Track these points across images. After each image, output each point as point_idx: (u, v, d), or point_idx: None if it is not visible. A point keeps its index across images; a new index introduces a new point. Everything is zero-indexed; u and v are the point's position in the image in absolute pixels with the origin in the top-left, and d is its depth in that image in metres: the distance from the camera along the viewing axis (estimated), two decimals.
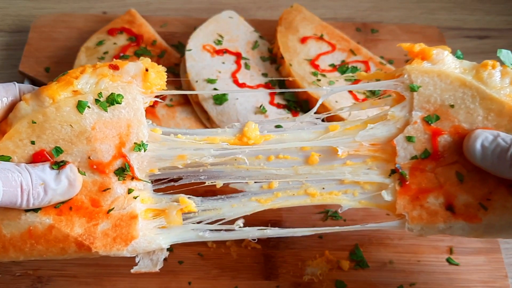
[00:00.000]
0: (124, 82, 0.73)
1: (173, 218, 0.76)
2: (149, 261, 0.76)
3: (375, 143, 0.77)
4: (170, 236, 0.76)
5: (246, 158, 0.77)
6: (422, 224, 0.75)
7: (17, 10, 1.36)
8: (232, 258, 0.95)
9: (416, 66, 0.75)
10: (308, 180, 0.78)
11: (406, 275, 0.94)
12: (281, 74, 1.12)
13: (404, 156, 0.75)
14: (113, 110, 0.72)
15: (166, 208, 0.76)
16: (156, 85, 0.75)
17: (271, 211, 1.00)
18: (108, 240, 0.72)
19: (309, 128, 0.79)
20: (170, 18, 1.31)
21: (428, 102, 0.74)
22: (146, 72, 0.74)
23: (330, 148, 0.77)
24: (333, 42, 1.18)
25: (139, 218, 0.73)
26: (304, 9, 1.24)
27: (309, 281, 0.92)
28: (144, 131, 0.73)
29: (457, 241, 0.98)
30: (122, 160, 0.73)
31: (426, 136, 0.74)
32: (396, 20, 1.40)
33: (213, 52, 1.12)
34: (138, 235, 0.73)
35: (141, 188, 0.74)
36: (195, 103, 1.06)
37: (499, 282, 0.94)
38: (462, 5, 1.45)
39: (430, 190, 0.75)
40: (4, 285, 0.90)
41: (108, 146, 0.72)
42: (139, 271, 0.76)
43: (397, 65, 1.22)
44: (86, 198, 0.72)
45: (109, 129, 0.72)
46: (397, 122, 0.76)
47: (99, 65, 0.73)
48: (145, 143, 0.73)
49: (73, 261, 0.91)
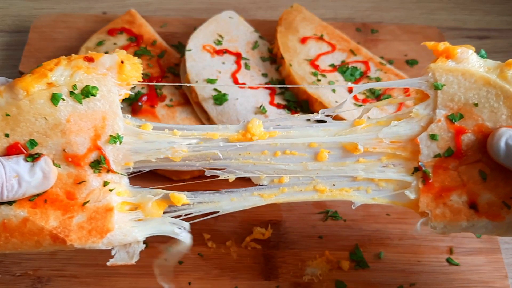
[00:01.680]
0: (99, 74, 0.73)
1: (150, 211, 0.76)
2: (125, 254, 0.75)
3: (396, 140, 0.76)
4: (146, 228, 0.75)
5: (251, 152, 0.77)
6: (445, 222, 0.75)
7: (17, 10, 1.36)
8: (232, 258, 0.95)
9: (440, 65, 0.75)
10: (318, 176, 0.78)
11: (406, 275, 0.94)
12: (281, 74, 1.12)
13: (427, 154, 0.75)
14: (88, 103, 0.72)
15: (142, 201, 0.75)
16: (132, 77, 0.75)
17: (271, 211, 1.01)
18: (83, 233, 0.71)
19: (317, 126, 0.78)
20: (170, 18, 1.31)
21: (452, 101, 0.74)
22: (122, 64, 0.73)
23: (341, 145, 0.77)
24: (333, 42, 1.18)
25: (115, 211, 0.72)
26: (304, 9, 1.24)
27: (309, 281, 0.92)
28: (120, 123, 0.73)
29: (457, 241, 0.98)
30: (98, 153, 0.72)
31: (450, 134, 0.75)
32: (396, 20, 1.40)
33: (213, 52, 1.12)
34: (114, 228, 0.72)
35: (117, 181, 0.74)
36: (195, 103, 1.06)
37: (499, 282, 0.94)
38: (462, 5, 1.45)
39: (453, 188, 0.75)
40: (4, 285, 0.90)
41: (83, 139, 0.72)
42: (115, 263, 0.75)
43: (397, 66, 1.22)
44: (61, 190, 0.71)
45: (84, 121, 0.71)
46: (420, 120, 0.76)
47: (74, 57, 0.73)
48: (120, 136, 0.73)
49: (73, 261, 0.91)
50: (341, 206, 1.02)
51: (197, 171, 1.03)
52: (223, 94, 1.03)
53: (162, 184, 1.03)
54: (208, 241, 0.96)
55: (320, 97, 1.05)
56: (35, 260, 0.92)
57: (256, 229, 0.97)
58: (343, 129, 0.77)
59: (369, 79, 1.12)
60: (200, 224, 0.98)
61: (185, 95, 1.08)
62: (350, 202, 1.02)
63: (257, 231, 0.97)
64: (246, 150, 0.77)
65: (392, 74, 1.15)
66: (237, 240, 0.97)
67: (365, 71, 1.14)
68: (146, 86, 1.07)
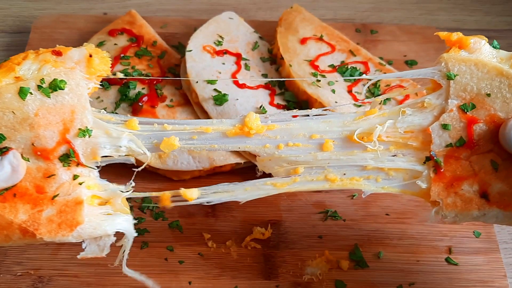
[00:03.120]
0: (67, 68, 0.73)
1: (119, 206, 0.76)
2: (96, 247, 0.75)
3: (410, 130, 0.77)
4: (114, 223, 0.75)
5: (252, 146, 0.77)
6: (457, 211, 0.76)
7: (18, 11, 1.36)
8: (232, 258, 0.95)
9: (453, 55, 0.75)
10: (329, 166, 0.78)
11: (405, 275, 0.94)
12: (281, 75, 1.13)
13: (439, 144, 0.75)
14: (56, 96, 0.72)
15: (112, 197, 0.76)
16: (101, 70, 0.75)
17: (271, 211, 1.01)
18: (53, 226, 0.71)
19: (317, 118, 0.78)
20: (170, 19, 1.31)
21: (465, 91, 0.75)
22: (90, 58, 0.74)
23: (346, 135, 0.77)
24: (332, 43, 1.18)
25: (85, 204, 0.72)
26: (303, 10, 1.24)
27: (309, 281, 0.93)
28: (88, 117, 0.73)
29: (456, 241, 0.99)
30: (67, 146, 0.72)
31: (462, 124, 0.75)
32: (396, 21, 1.41)
33: (213, 53, 1.12)
34: (84, 221, 0.72)
35: (87, 175, 0.74)
36: (195, 103, 1.07)
37: (498, 282, 0.94)
38: (461, 6, 1.46)
39: (465, 178, 0.75)
40: (5, 285, 0.90)
41: (52, 132, 0.72)
42: (86, 256, 0.75)
43: (396, 66, 1.22)
44: (31, 184, 0.71)
45: (53, 115, 0.72)
46: (433, 110, 0.76)
47: (42, 51, 0.73)
48: (89, 129, 0.73)
49: (74, 261, 0.92)
50: (341, 206, 1.02)
51: (197, 171, 1.03)
52: (223, 94, 1.04)
53: (162, 184, 1.04)
54: (208, 241, 0.96)
55: (320, 98, 1.05)
56: (36, 259, 0.93)
57: (256, 229, 0.98)
58: (346, 121, 0.77)
59: (368, 80, 1.13)
60: (200, 224, 0.99)
61: (186, 95, 1.09)
62: (350, 202, 1.03)
63: (257, 231, 0.97)
64: (245, 144, 0.77)
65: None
66: (237, 240, 0.97)
67: (364, 72, 1.14)
68: (146, 87, 1.08)
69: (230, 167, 1.05)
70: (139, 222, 0.98)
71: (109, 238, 0.75)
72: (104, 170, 1.04)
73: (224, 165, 1.03)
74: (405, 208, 1.02)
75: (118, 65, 1.11)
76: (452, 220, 0.77)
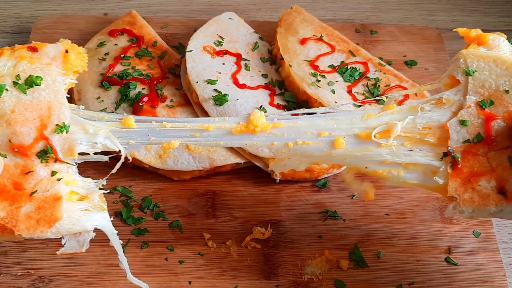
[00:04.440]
0: (43, 64, 0.73)
1: (97, 203, 0.76)
2: (75, 243, 0.75)
3: (428, 126, 0.77)
4: (93, 219, 0.75)
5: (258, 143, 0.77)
6: (474, 206, 0.75)
7: (19, 11, 1.37)
8: (232, 257, 0.95)
9: (472, 51, 0.75)
10: (346, 162, 0.78)
11: (405, 275, 0.94)
12: (281, 75, 1.13)
13: (456, 140, 0.75)
14: (33, 93, 0.72)
15: (90, 193, 0.75)
16: (77, 66, 0.75)
17: (271, 211, 1.01)
18: (31, 223, 0.71)
19: (325, 116, 0.78)
20: (171, 19, 1.31)
21: (483, 87, 0.75)
22: (66, 53, 0.74)
23: (355, 133, 0.77)
24: (332, 43, 1.18)
25: (63, 200, 0.72)
26: (303, 11, 1.24)
27: (308, 281, 0.93)
28: (66, 113, 0.73)
29: (455, 241, 0.99)
30: (44, 143, 0.72)
31: (480, 120, 0.75)
32: (395, 21, 1.41)
33: (214, 53, 1.12)
34: (62, 217, 0.71)
35: (65, 171, 0.74)
36: (195, 103, 1.07)
37: (498, 282, 0.94)
38: (460, 6, 1.46)
39: (482, 174, 0.75)
40: (5, 284, 0.90)
41: (29, 129, 0.72)
42: (65, 252, 0.75)
43: (396, 66, 1.23)
44: (8, 181, 0.71)
45: (29, 111, 0.71)
46: (451, 106, 0.76)
47: (17, 47, 0.73)
48: (67, 125, 0.73)
49: (74, 261, 0.92)
50: (341, 206, 1.03)
51: (197, 171, 1.03)
52: (223, 94, 1.04)
53: (163, 183, 1.04)
54: (208, 241, 0.97)
55: (320, 98, 1.06)
56: (37, 259, 0.93)
57: (256, 228, 0.98)
58: (354, 118, 0.78)
59: (368, 80, 1.13)
60: (200, 224, 0.99)
61: (186, 95, 1.09)
62: (350, 202, 1.03)
63: (257, 230, 0.98)
64: (251, 141, 0.77)
65: (391, 74, 1.15)
66: (237, 239, 0.97)
67: (364, 72, 1.14)
68: (147, 87, 1.08)
69: (230, 167, 1.05)
70: (139, 222, 0.98)
71: (89, 233, 0.75)
72: (103, 170, 1.05)
73: (224, 165, 1.03)
74: (405, 208, 1.03)
75: (119, 65, 1.11)
76: (469, 216, 0.77)
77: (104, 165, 1.05)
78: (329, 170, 1.03)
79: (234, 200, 1.03)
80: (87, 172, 1.04)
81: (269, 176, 1.03)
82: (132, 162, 1.03)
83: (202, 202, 1.02)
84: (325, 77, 1.11)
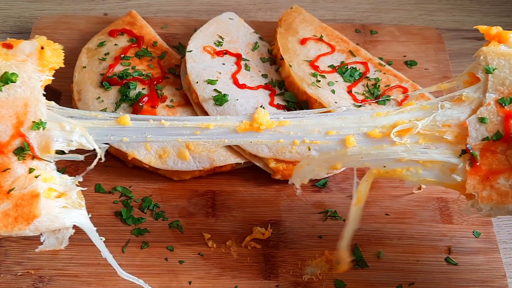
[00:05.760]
0: (18, 61, 0.72)
1: (75, 200, 0.75)
2: (54, 240, 0.75)
3: (447, 124, 0.76)
4: (71, 216, 0.74)
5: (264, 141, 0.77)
6: (492, 204, 0.75)
7: (19, 12, 1.37)
8: (232, 258, 0.95)
9: (492, 49, 0.75)
10: (364, 160, 0.78)
11: (405, 275, 0.94)
12: (281, 75, 1.13)
13: (475, 137, 0.75)
14: (8, 90, 0.71)
15: (68, 190, 0.75)
16: (53, 62, 0.75)
17: (271, 211, 1.01)
18: (9, 220, 0.71)
19: (332, 115, 0.78)
20: (171, 19, 1.32)
21: (503, 85, 0.75)
22: (42, 50, 0.73)
23: (364, 131, 0.77)
24: (332, 43, 1.18)
25: (41, 197, 0.72)
26: (303, 11, 1.24)
27: (308, 281, 0.93)
28: (42, 109, 0.73)
29: (455, 241, 0.99)
30: (21, 140, 0.72)
31: (499, 118, 0.75)
32: (395, 21, 1.41)
33: (214, 53, 1.12)
34: (40, 214, 0.71)
35: (43, 168, 0.73)
36: (195, 103, 1.07)
37: (497, 282, 0.94)
38: (460, 6, 1.46)
39: (501, 172, 0.75)
40: (5, 284, 0.90)
41: (5, 126, 0.71)
42: (44, 249, 0.75)
43: (396, 66, 1.23)
44: None
45: (5, 108, 0.71)
46: (471, 104, 0.76)
47: None
48: (43, 122, 0.73)
49: (74, 261, 0.92)
50: (341, 206, 1.03)
51: (197, 171, 1.03)
52: (224, 95, 1.04)
53: (163, 184, 1.04)
54: (208, 241, 0.97)
55: (320, 98, 1.06)
56: (37, 259, 0.93)
57: (256, 228, 0.98)
58: (362, 117, 0.77)
59: (368, 80, 1.13)
60: (200, 224, 0.99)
61: (186, 95, 1.09)
62: (350, 202, 1.03)
63: (257, 230, 0.98)
64: (257, 138, 0.77)
65: (391, 75, 1.15)
66: (237, 239, 0.97)
67: (364, 72, 1.14)
68: (147, 87, 1.08)
69: (230, 167, 1.05)
70: (139, 222, 0.98)
71: (68, 230, 0.75)
72: (103, 170, 1.05)
73: (224, 165, 1.03)
74: (405, 208, 1.03)
75: (119, 65, 1.11)
76: (487, 214, 0.76)
77: (104, 165, 1.05)
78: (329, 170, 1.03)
79: (234, 200, 1.03)
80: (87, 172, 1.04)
81: (269, 176, 1.03)
82: (132, 162, 1.04)
83: (202, 202, 1.02)
84: (325, 77, 1.11)
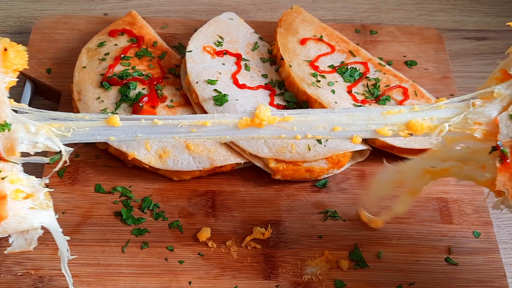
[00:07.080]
0: None
1: (42, 201, 0.75)
2: (23, 241, 0.74)
3: (479, 122, 0.76)
4: (39, 217, 0.74)
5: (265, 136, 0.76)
6: None
7: (19, 12, 1.37)
8: (232, 258, 0.95)
9: None
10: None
11: (405, 275, 0.94)
12: (281, 75, 1.13)
13: (506, 134, 0.75)
14: None
15: (35, 191, 0.75)
16: (17, 64, 0.74)
17: (271, 211, 1.01)
18: None
19: (339, 111, 0.77)
20: (171, 19, 1.32)
21: None
22: (5, 51, 0.73)
23: (373, 129, 0.76)
24: (332, 43, 1.18)
25: (8, 199, 0.71)
26: (303, 11, 1.24)
27: (308, 281, 0.93)
28: (7, 111, 0.72)
29: (455, 241, 0.99)
30: None
31: None
32: (395, 21, 1.41)
33: (214, 53, 1.12)
34: (8, 215, 0.70)
35: (9, 169, 0.73)
36: (195, 104, 1.07)
37: (497, 282, 0.94)
38: (460, 6, 1.46)
39: None
40: (5, 284, 0.90)
41: None
42: (13, 251, 0.74)
43: (396, 66, 1.23)
44: None
45: None
46: (502, 100, 0.75)
47: None
48: (8, 123, 0.72)
49: (74, 261, 0.92)
50: (341, 206, 1.03)
51: (197, 171, 1.03)
52: (223, 95, 1.04)
53: (163, 184, 1.04)
54: (208, 241, 0.97)
55: (320, 98, 1.06)
56: (37, 259, 0.93)
57: (256, 229, 0.98)
58: (372, 115, 0.77)
59: (368, 80, 1.13)
60: (200, 224, 0.99)
61: (186, 96, 1.09)
62: (350, 202, 1.03)
63: (257, 231, 0.98)
64: (258, 134, 0.76)
65: (391, 75, 1.15)
66: (237, 239, 0.97)
67: (364, 72, 1.14)
68: (147, 87, 1.08)
69: (230, 167, 1.05)
70: (139, 222, 0.98)
71: (36, 231, 0.74)
72: (103, 170, 1.05)
73: (224, 165, 1.03)
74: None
75: (119, 65, 1.11)
76: None
77: (104, 165, 1.06)
78: (329, 170, 1.03)
79: (234, 200, 1.03)
80: (87, 172, 1.04)
81: (269, 176, 1.03)
82: (132, 162, 1.04)
83: (202, 202, 1.02)
84: (325, 77, 1.11)
